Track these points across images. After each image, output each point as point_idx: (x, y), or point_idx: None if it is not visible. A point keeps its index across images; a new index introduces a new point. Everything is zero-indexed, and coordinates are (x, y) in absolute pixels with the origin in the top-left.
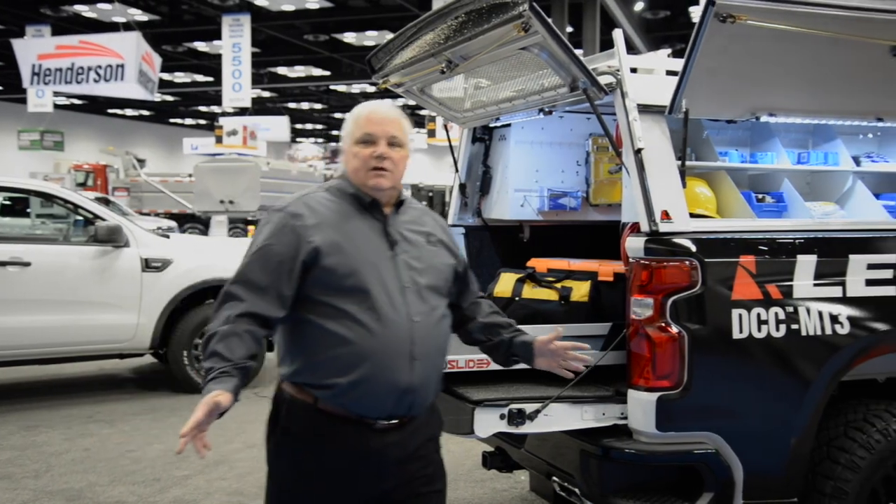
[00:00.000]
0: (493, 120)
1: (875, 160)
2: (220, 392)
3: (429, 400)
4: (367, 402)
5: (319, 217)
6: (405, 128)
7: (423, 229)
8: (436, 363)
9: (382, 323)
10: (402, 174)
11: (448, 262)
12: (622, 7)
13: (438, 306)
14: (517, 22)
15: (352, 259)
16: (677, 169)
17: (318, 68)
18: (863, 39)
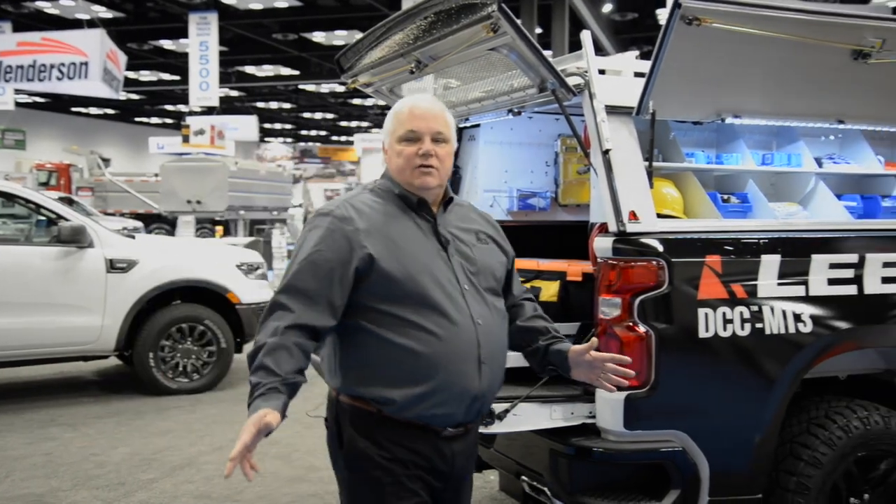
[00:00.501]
0: (462, 120)
1: (836, 162)
2: (269, 411)
3: (490, 405)
4: (438, 413)
5: (369, 221)
6: (449, 121)
7: (473, 227)
8: (501, 365)
9: (449, 329)
10: (449, 171)
11: (501, 259)
12: (591, 9)
13: (497, 307)
14: (486, 23)
15: (407, 264)
16: (645, 170)
17: (287, 67)
18: (824, 43)
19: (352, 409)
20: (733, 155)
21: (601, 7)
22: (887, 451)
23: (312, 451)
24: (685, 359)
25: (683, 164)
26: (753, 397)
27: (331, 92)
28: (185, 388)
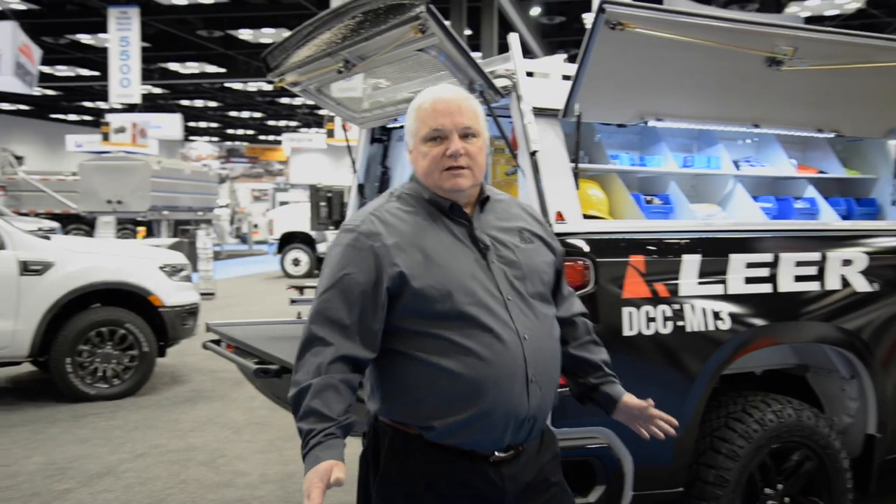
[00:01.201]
0: (391, 120)
1: (753, 164)
2: (335, 464)
3: (545, 423)
4: (484, 437)
5: (397, 233)
6: (477, 112)
7: (516, 224)
8: (553, 380)
9: (492, 347)
10: (483, 167)
11: (548, 259)
12: (519, 12)
13: (547, 315)
14: (414, 23)
15: (442, 279)
16: (571, 171)
17: (213, 65)
18: (741, 50)
19: (392, 431)
20: (656, 157)
21: (529, 10)
22: (799, 443)
23: (241, 456)
24: (610, 357)
25: (608, 165)
26: (675, 393)
27: (258, 90)
28: (104, 393)
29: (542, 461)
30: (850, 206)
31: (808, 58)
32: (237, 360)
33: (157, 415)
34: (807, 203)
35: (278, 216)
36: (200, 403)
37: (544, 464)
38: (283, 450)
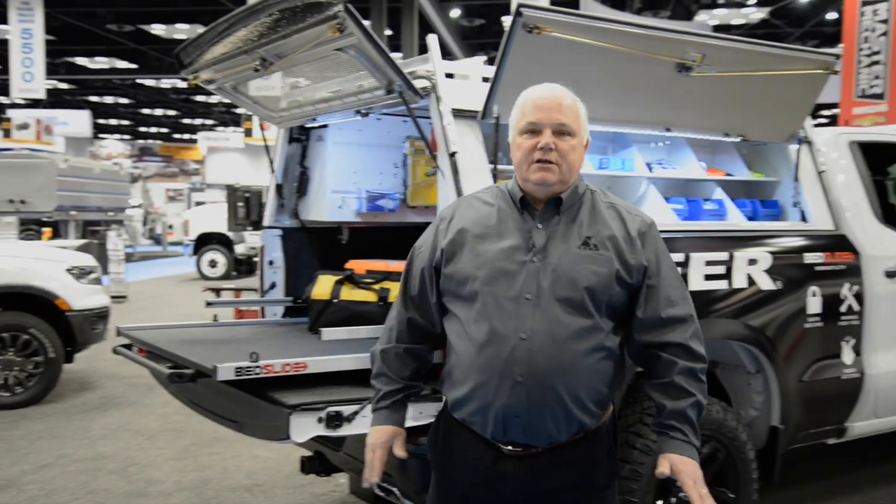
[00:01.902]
0: (309, 120)
1: (665, 167)
2: (397, 433)
3: (550, 432)
4: (475, 419)
5: (464, 218)
6: (578, 112)
7: (587, 230)
8: (556, 390)
9: (486, 338)
10: (575, 167)
11: (602, 269)
12: (439, 13)
13: (569, 323)
14: (332, 23)
15: (475, 264)
16: (490, 172)
17: (124, 60)
18: (652, 56)
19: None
20: None
21: (449, 12)
22: (709, 436)
23: (154, 463)
24: None
25: None
26: None
27: (172, 87)
28: (6, 402)
29: (552, 483)
30: (755, 208)
31: (715, 64)
32: (150, 364)
33: (64, 423)
34: (715, 204)
35: (194, 217)
36: (111, 410)
37: (552, 488)
38: (199, 456)
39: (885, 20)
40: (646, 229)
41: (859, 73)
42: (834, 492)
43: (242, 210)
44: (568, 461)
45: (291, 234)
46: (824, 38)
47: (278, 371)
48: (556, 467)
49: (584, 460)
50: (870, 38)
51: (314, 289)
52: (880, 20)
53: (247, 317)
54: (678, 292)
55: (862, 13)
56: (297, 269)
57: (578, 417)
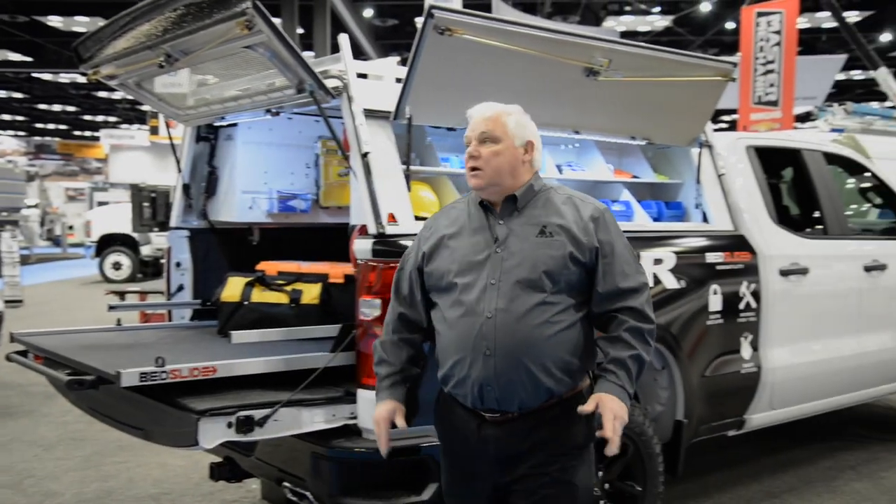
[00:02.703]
0: (218, 119)
1: (574, 169)
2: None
3: (521, 398)
4: (458, 391)
5: (442, 223)
6: (503, 121)
7: (544, 220)
8: (519, 359)
9: (459, 319)
10: (501, 169)
11: (559, 253)
12: (352, 12)
13: (526, 300)
14: (240, 20)
15: (449, 260)
16: (402, 173)
17: (18, 53)
18: (561, 60)
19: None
20: None
21: (363, 11)
22: None
23: (52, 475)
24: None
25: (439, 168)
26: None
27: (72, 82)
28: None
29: (528, 444)
30: (659, 209)
31: (622, 70)
32: (47, 371)
33: None
34: (623, 206)
35: (96, 217)
36: (5, 420)
37: (528, 448)
38: (102, 465)
39: (778, 31)
40: (598, 215)
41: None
42: (733, 481)
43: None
44: (542, 424)
45: (199, 236)
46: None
47: (186, 376)
48: (532, 430)
49: (559, 423)
50: (765, 47)
51: (224, 291)
52: (774, 31)
53: (153, 321)
54: (631, 266)
55: (757, 24)
56: (205, 271)
57: (545, 384)
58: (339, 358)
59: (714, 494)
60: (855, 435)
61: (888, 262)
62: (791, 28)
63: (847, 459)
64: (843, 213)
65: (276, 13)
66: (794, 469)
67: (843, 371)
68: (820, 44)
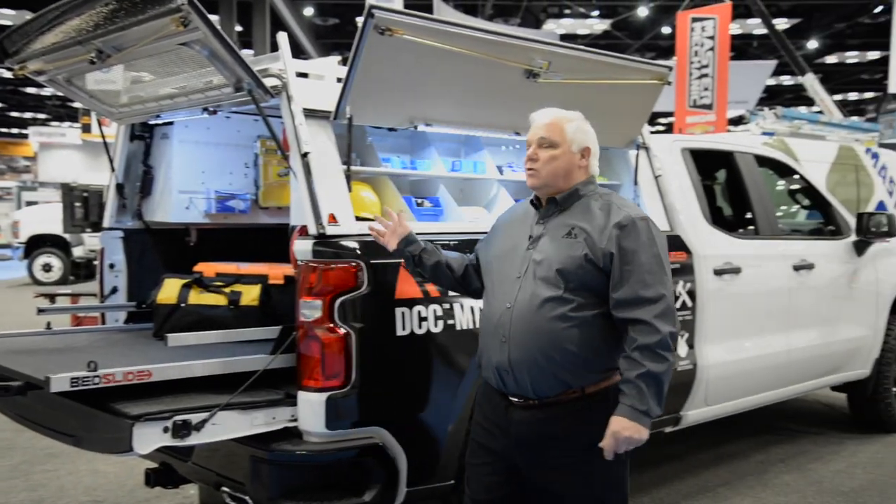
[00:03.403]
0: (153, 117)
1: (515, 170)
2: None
3: (534, 383)
4: (486, 375)
5: (503, 217)
6: (561, 127)
7: (573, 222)
8: (530, 348)
9: (489, 307)
10: (556, 172)
11: (577, 253)
12: (292, 11)
13: (542, 295)
14: (175, 16)
15: (492, 254)
16: (343, 173)
17: None
18: (501, 61)
19: None
20: (426, 161)
21: (303, 10)
22: None
23: None
24: (384, 357)
25: (380, 168)
26: (446, 390)
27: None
28: None
29: (546, 432)
30: None
31: (561, 72)
32: None
33: None
34: None
35: (25, 217)
36: None
37: (544, 437)
38: (31, 474)
39: (712, 36)
40: (627, 223)
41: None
42: (670, 477)
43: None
44: (565, 415)
45: (134, 236)
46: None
47: (120, 380)
48: (552, 419)
49: (582, 417)
50: (699, 52)
51: (160, 293)
52: (708, 36)
53: (85, 324)
54: (654, 277)
55: (692, 29)
56: (140, 273)
57: (558, 375)
58: (280, 360)
59: (651, 490)
60: (784, 429)
61: (815, 262)
62: (724, 34)
63: (777, 453)
64: (773, 213)
65: (213, 10)
66: (727, 463)
67: (774, 367)
68: (751, 49)
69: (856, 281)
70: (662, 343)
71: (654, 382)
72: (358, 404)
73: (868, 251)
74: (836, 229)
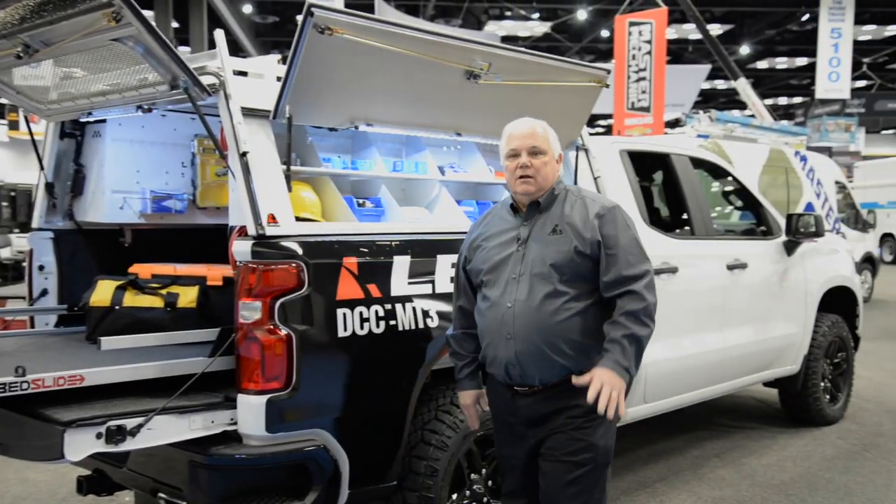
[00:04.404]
0: (84, 114)
1: (456, 170)
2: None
3: (540, 374)
4: (493, 370)
5: (481, 227)
6: (547, 135)
7: (556, 220)
8: (534, 342)
9: (490, 308)
10: (549, 176)
11: (565, 248)
12: (230, 8)
13: (540, 290)
14: (106, 11)
15: (481, 260)
16: (283, 173)
17: None
18: (442, 62)
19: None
20: (367, 161)
21: (241, 7)
22: None
23: None
24: (326, 358)
25: (320, 168)
26: (389, 391)
27: None
28: None
29: (550, 407)
30: None
31: (501, 73)
32: None
33: None
34: None
35: None
36: None
37: (550, 411)
38: None
39: (649, 40)
40: (604, 212)
41: (629, 87)
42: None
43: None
44: (563, 394)
45: (65, 237)
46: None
47: (50, 385)
48: (555, 398)
49: (578, 393)
50: (637, 56)
51: (93, 295)
52: (645, 40)
53: (13, 328)
54: (636, 256)
55: (630, 33)
56: (72, 275)
57: (560, 362)
58: (218, 363)
59: None
60: (719, 425)
61: (748, 262)
62: (661, 38)
63: (712, 448)
64: (708, 214)
65: (148, 5)
66: (664, 459)
67: (710, 364)
68: (687, 54)
69: (786, 280)
70: (647, 310)
71: (636, 344)
72: (299, 406)
73: (797, 251)
74: (768, 230)
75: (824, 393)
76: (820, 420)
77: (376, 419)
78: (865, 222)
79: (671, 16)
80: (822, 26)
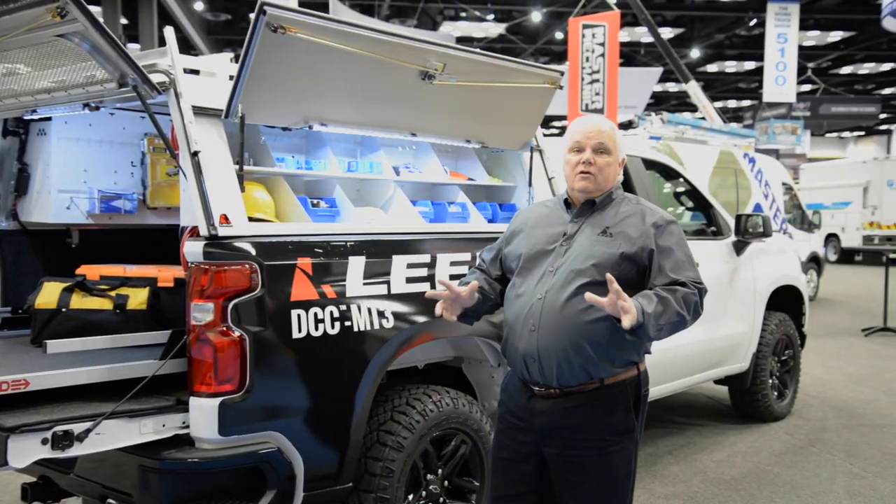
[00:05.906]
0: (28, 112)
1: (411, 171)
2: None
3: (558, 372)
4: (513, 364)
5: (525, 216)
6: (614, 136)
7: (608, 223)
8: (560, 337)
9: (518, 297)
10: (610, 178)
11: (609, 250)
12: (181, 5)
13: (572, 286)
14: (51, 6)
15: (522, 247)
16: (235, 173)
17: None
18: (397, 62)
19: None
20: (321, 161)
21: (193, 4)
22: (456, 429)
23: None
24: (280, 360)
25: (274, 168)
26: (344, 392)
27: None
28: None
29: (567, 422)
30: (494, 211)
31: (456, 74)
32: None
33: None
34: (459, 207)
35: None
36: None
37: (566, 426)
38: None
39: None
40: (662, 223)
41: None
42: None
43: None
44: (584, 405)
45: (8, 238)
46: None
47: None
48: (574, 409)
49: (600, 407)
50: (590, 58)
51: (38, 297)
52: (598, 42)
53: None
54: (691, 270)
55: (583, 35)
56: (16, 276)
57: (581, 364)
58: (170, 365)
59: None
60: (672, 422)
61: (699, 262)
62: (613, 41)
63: (665, 445)
64: None
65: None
66: None
67: (664, 363)
68: (639, 57)
69: (735, 279)
70: (689, 296)
71: (664, 307)
72: (253, 409)
73: (746, 251)
74: (718, 230)
75: (772, 389)
76: (768, 416)
77: (331, 420)
78: (811, 223)
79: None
80: (769, 31)
